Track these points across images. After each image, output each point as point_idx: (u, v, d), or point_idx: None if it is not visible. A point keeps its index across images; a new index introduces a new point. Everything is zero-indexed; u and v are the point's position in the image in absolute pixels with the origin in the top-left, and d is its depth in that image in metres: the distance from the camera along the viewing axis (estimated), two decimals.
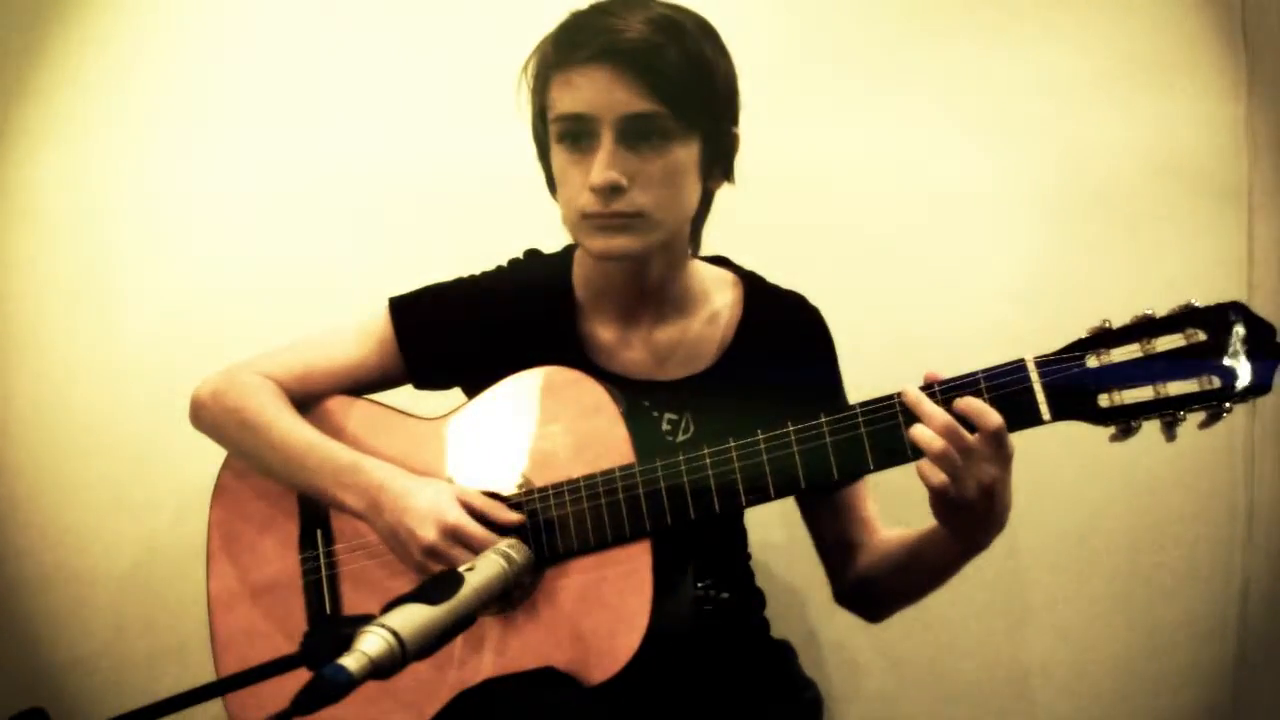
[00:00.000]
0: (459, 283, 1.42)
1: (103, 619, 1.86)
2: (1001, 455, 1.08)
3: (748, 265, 1.45)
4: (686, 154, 1.25)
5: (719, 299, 1.39)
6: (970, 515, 1.11)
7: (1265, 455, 1.79)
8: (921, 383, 1.11)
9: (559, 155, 1.26)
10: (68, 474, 1.86)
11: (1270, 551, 1.80)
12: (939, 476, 1.07)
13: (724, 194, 1.36)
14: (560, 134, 1.25)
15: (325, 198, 1.83)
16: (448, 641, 0.90)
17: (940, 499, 1.10)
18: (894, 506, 1.35)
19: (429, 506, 1.21)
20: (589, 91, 1.21)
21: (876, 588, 1.35)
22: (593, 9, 1.26)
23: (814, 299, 1.42)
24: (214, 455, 1.42)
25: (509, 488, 1.27)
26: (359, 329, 1.41)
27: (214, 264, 1.84)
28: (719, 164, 1.31)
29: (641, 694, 1.18)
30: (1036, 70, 1.78)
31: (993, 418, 1.06)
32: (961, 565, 1.23)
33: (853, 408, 1.14)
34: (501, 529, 1.21)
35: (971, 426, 1.07)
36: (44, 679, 1.86)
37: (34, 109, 1.84)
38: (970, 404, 1.07)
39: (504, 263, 1.44)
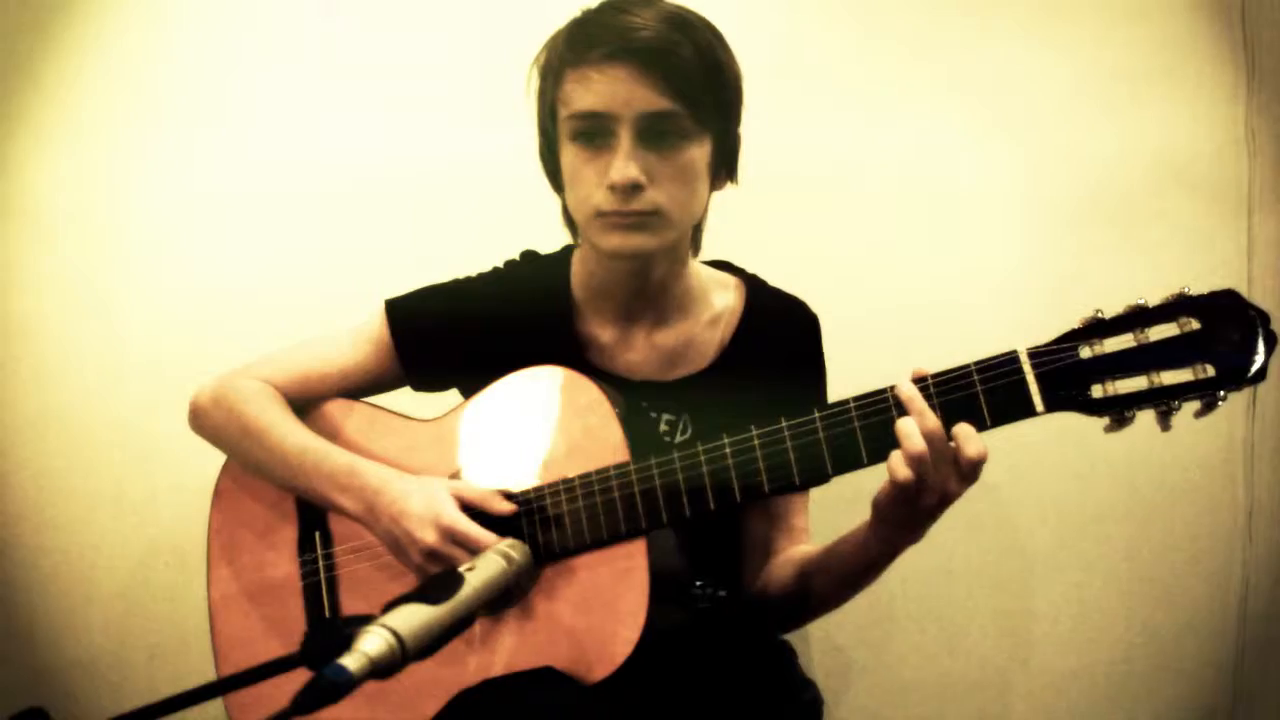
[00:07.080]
0: (455, 284, 1.41)
1: (103, 619, 1.86)
2: (970, 478, 1.08)
3: (748, 265, 1.45)
4: (700, 153, 1.25)
5: (720, 301, 1.39)
6: (911, 518, 1.11)
7: (1265, 455, 1.79)
8: (912, 377, 1.10)
9: (572, 153, 1.25)
10: (68, 474, 1.86)
11: (1270, 551, 1.80)
12: (906, 473, 1.07)
13: (726, 194, 1.36)
14: (575, 131, 1.24)
15: (324, 198, 1.83)
16: (448, 641, 0.90)
17: (898, 493, 1.09)
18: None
19: (426, 508, 1.20)
20: (607, 89, 1.20)
21: (784, 592, 1.34)
22: (604, 6, 1.25)
23: (814, 298, 1.42)
24: (214, 455, 1.42)
25: (506, 487, 1.26)
26: (355, 332, 1.41)
27: (214, 264, 1.84)
28: (725, 164, 1.31)
29: (640, 693, 1.18)
30: (1037, 71, 1.78)
31: (977, 445, 1.06)
32: (870, 578, 1.23)
33: (845, 402, 1.13)
34: (495, 521, 1.20)
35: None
36: (44, 679, 1.86)
37: (34, 109, 1.84)
38: (964, 429, 1.07)
39: (500, 264, 1.43)
